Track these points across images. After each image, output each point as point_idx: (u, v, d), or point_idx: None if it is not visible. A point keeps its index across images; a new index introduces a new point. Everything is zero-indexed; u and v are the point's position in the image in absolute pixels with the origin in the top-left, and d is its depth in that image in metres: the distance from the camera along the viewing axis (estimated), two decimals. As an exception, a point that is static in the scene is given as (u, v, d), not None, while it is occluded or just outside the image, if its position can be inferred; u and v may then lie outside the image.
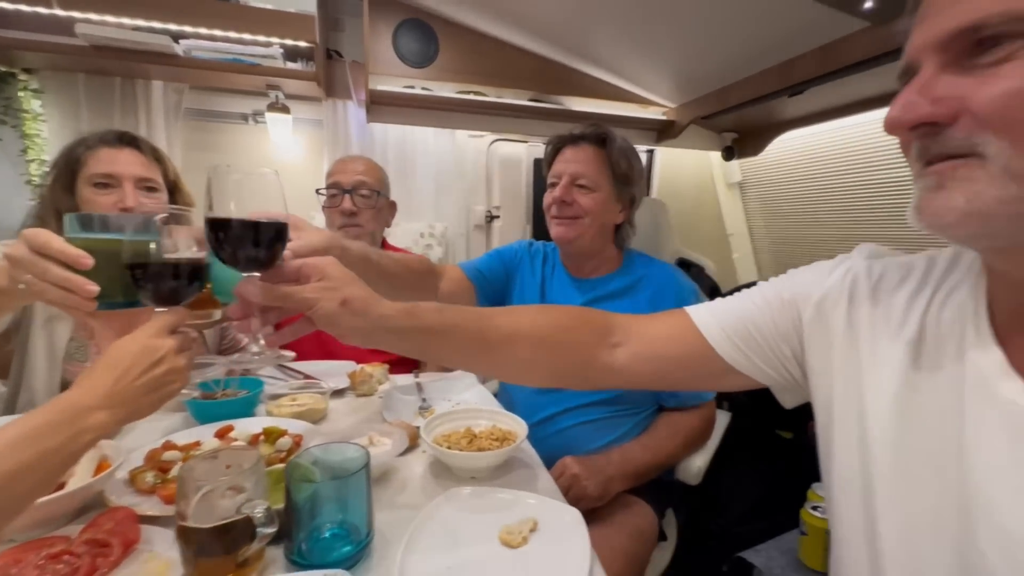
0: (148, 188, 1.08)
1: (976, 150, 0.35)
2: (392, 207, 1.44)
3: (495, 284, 1.15)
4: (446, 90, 1.92)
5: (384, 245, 1.49)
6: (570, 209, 1.06)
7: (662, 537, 1.06)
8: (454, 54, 1.96)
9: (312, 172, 1.97)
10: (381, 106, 1.86)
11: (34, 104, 1.65)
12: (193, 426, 0.84)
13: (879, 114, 1.61)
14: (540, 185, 2.21)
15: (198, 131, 1.86)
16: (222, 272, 0.57)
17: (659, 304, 1.03)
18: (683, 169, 2.49)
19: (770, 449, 1.70)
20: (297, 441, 0.77)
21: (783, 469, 1.54)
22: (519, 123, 2.06)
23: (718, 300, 0.62)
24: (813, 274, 0.55)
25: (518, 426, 0.79)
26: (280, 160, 1.95)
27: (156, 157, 1.12)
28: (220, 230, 0.51)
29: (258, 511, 0.45)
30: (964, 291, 0.44)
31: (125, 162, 1.05)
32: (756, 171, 2.31)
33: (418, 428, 0.79)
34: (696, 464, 1.07)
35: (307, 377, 1.10)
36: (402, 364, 1.41)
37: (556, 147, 1.12)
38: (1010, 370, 0.38)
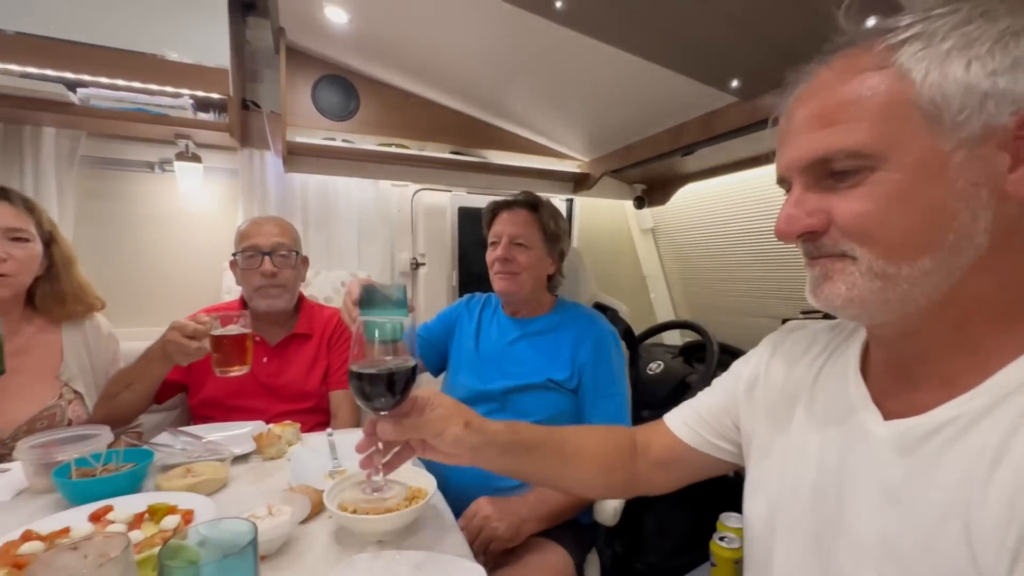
0: (17, 239, 1.04)
1: (848, 253, 0.43)
2: (306, 263, 1.47)
3: (437, 343, 1.37)
4: (367, 142, 1.95)
5: (301, 299, 1.47)
6: (510, 265, 1.21)
7: (584, 581, 1.08)
8: (375, 108, 2.01)
9: (225, 221, 1.90)
10: (300, 156, 1.85)
11: None
12: (68, 508, 0.76)
13: (756, 172, 1.85)
14: (465, 233, 2.27)
15: (97, 179, 1.74)
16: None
17: (581, 343, 1.19)
18: (600, 216, 2.66)
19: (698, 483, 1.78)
20: (187, 518, 0.71)
21: (710, 501, 1.62)
22: (442, 174, 2.12)
23: (688, 401, 0.73)
24: (751, 353, 0.67)
25: (428, 482, 0.78)
26: (190, 209, 1.86)
27: (28, 208, 1.08)
28: (364, 380, 0.58)
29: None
30: (852, 347, 0.54)
31: None
32: (665, 218, 2.52)
33: (322, 492, 0.77)
34: (611, 505, 1.10)
35: (208, 442, 1.03)
36: (319, 423, 1.36)
37: (494, 211, 1.29)
38: (870, 403, 0.48)
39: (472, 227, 2.27)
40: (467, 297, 1.44)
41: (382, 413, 0.59)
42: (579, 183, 2.41)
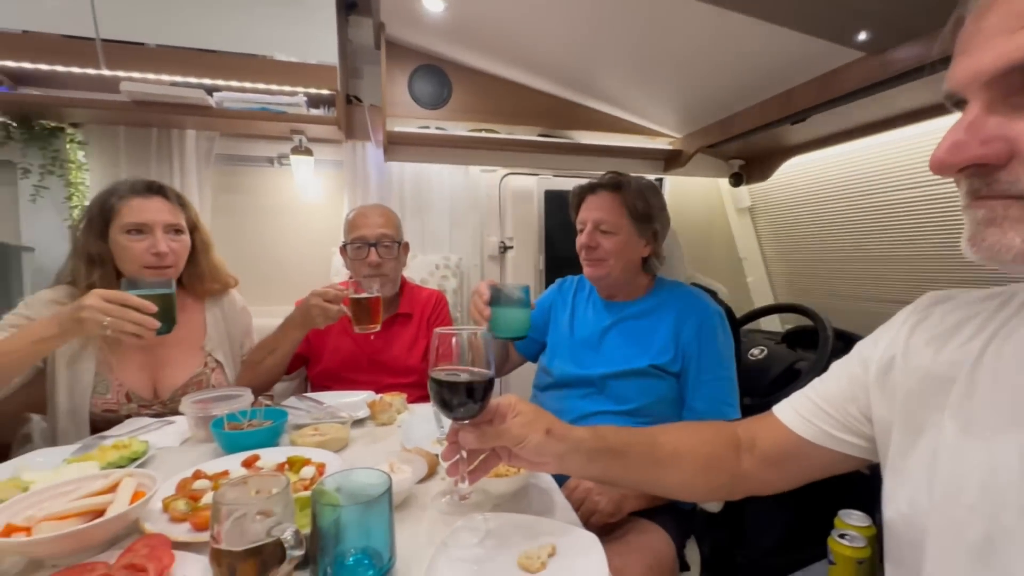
0: (175, 231, 1.18)
1: None
2: (407, 248, 1.53)
3: (533, 330, 1.31)
4: (459, 129, 2.01)
5: (403, 283, 1.55)
6: (595, 252, 1.18)
7: (684, 568, 1.05)
8: (466, 95, 2.06)
9: (333, 210, 2.07)
10: (398, 146, 1.95)
11: (79, 155, 1.78)
12: (221, 456, 0.87)
13: (883, 139, 1.64)
14: (551, 216, 2.27)
15: (227, 175, 1.97)
16: (503, 315, 0.97)
17: (684, 322, 1.14)
18: (692, 196, 2.53)
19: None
20: (320, 470, 0.79)
21: (815, 497, 1.50)
22: (530, 157, 2.13)
23: (801, 390, 0.65)
24: (881, 332, 0.58)
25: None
26: (303, 200, 2.04)
27: (180, 203, 1.22)
28: (444, 388, 0.60)
29: (287, 534, 0.47)
30: None
31: (154, 210, 1.15)
32: (765, 196, 2.33)
33: (437, 456, 0.81)
34: (715, 492, 1.05)
35: (328, 407, 1.13)
36: (422, 396, 1.45)
37: (579, 196, 1.25)
38: None
39: (558, 210, 2.26)
40: (559, 282, 1.42)
41: (464, 422, 0.60)
42: (670, 161, 2.30)
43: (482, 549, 0.60)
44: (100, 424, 1.10)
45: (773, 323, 2.32)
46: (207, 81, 1.62)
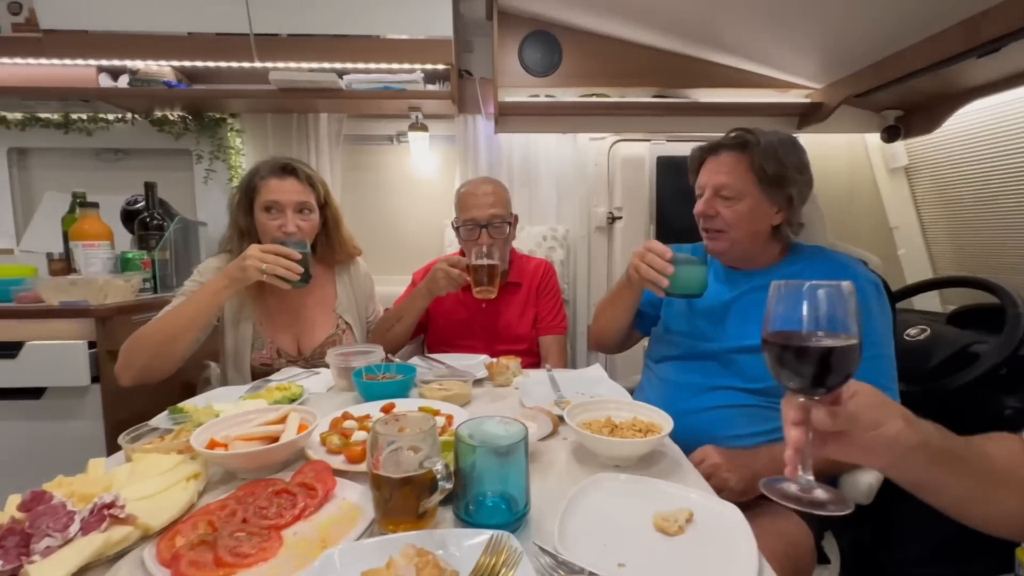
0: (306, 210, 1.30)
1: None
2: (516, 221, 1.53)
3: (650, 309, 1.27)
4: (569, 95, 1.97)
5: (512, 253, 1.57)
6: (713, 222, 1.07)
7: (823, 560, 0.95)
8: (576, 59, 1.99)
9: (444, 184, 2.16)
10: (508, 117, 1.96)
11: (236, 141, 2.05)
12: (360, 403, 0.96)
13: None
14: (664, 185, 2.14)
15: (353, 154, 2.15)
16: (685, 272, 0.99)
17: None
18: (832, 157, 2.22)
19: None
20: (448, 420, 0.84)
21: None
22: (642, 121, 2.02)
23: None
24: None
25: (662, 419, 0.77)
26: (417, 175, 2.16)
27: (310, 183, 1.33)
28: (802, 355, 0.48)
29: (439, 466, 0.50)
30: None
31: (287, 190, 1.27)
32: (928, 152, 1.97)
33: (558, 416, 0.82)
34: (864, 480, 0.93)
35: (450, 367, 1.20)
36: (531, 363, 1.47)
37: (699, 158, 1.12)
38: None
39: (672, 178, 2.13)
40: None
41: (815, 398, 0.49)
42: (806, 117, 2.03)
43: (614, 506, 0.60)
44: (258, 375, 1.27)
45: (929, 302, 1.98)
46: (338, 65, 1.76)
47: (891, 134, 2.00)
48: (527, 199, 2.12)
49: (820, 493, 0.49)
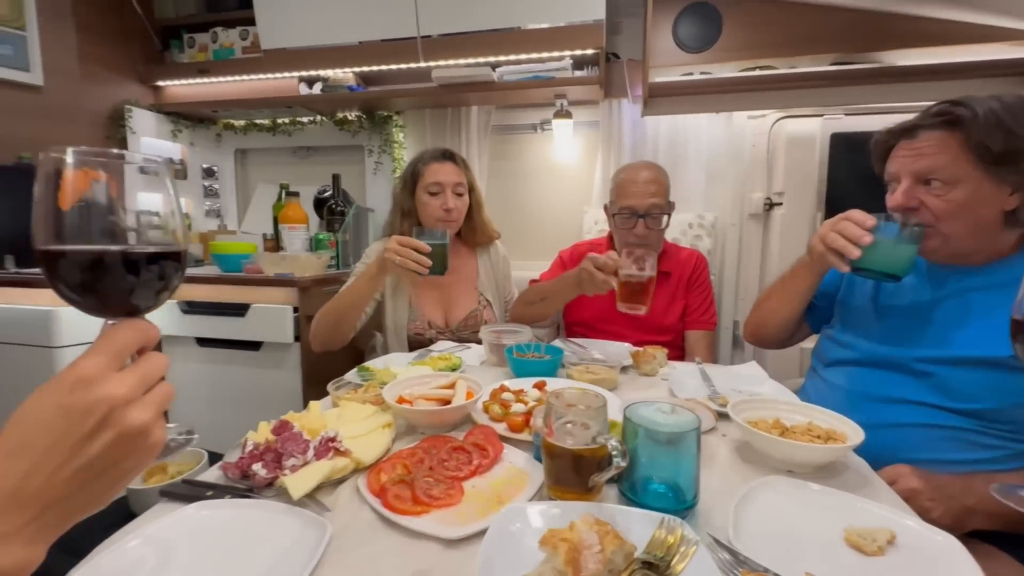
0: (460, 192, 1.44)
1: None
2: (672, 208, 1.46)
3: (821, 294, 1.11)
4: (727, 70, 1.81)
5: (664, 245, 1.51)
6: (917, 216, 0.88)
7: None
8: (738, 30, 1.82)
9: (584, 170, 2.16)
10: (658, 98, 1.87)
11: (400, 136, 2.28)
12: (511, 378, 1.02)
13: None
14: (838, 166, 1.87)
15: (500, 143, 2.25)
16: (888, 248, 0.83)
17: None
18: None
19: None
20: (599, 403, 0.85)
21: None
22: (815, 94, 1.78)
23: None
24: None
25: (847, 428, 0.69)
26: (558, 161, 2.18)
27: (464, 167, 1.47)
28: None
29: (613, 443, 0.52)
30: None
31: (447, 173, 1.42)
32: None
33: (715, 410, 0.78)
34: None
35: (592, 352, 1.21)
36: (676, 355, 1.42)
37: (886, 143, 0.94)
38: None
39: (849, 157, 1.85)
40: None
41: None
42: (1051, 75, 1.60)
43: (795, 513, 0.55)
44: (414, 344, 1.43)
45: None
46: (491, 59, 1.85)
47: None
48: (672, 184, 2.01)
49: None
